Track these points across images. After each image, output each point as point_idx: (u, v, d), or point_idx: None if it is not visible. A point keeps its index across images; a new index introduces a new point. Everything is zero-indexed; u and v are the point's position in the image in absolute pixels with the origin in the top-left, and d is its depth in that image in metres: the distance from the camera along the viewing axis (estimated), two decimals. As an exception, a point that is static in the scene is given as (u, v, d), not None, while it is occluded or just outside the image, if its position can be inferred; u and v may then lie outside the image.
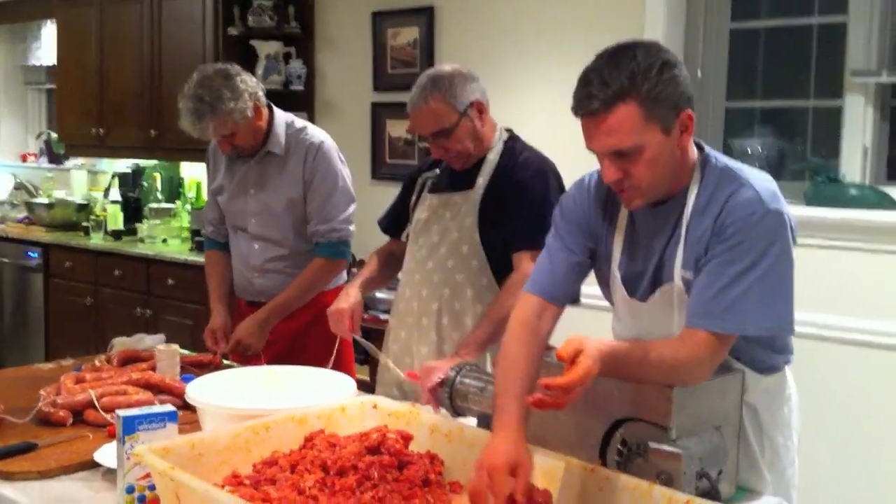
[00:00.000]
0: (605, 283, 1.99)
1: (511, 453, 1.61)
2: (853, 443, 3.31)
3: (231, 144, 2.98)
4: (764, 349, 1.88)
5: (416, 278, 2.64)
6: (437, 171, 2.69)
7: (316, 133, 3.10)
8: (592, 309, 3.06)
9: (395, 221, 2.82)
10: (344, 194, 3.08)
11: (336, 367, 2.58)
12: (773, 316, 1.72)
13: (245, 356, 2.97)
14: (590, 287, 2.07)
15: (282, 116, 3.09)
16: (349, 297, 2.61)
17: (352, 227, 3.09)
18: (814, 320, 3.31)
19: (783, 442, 1.97)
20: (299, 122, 3.13)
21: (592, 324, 2.21)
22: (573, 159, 2.24)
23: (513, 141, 2.63)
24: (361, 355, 4.01)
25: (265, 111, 3.03)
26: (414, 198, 2.72)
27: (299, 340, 3.08)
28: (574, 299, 2.07)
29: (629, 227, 1.90)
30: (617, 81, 1.67)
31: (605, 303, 2.06)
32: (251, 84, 2.95)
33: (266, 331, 3.01)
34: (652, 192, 1.79)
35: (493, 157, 2.57)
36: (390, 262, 2.82)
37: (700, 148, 1.86)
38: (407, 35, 4.64)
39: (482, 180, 2.55)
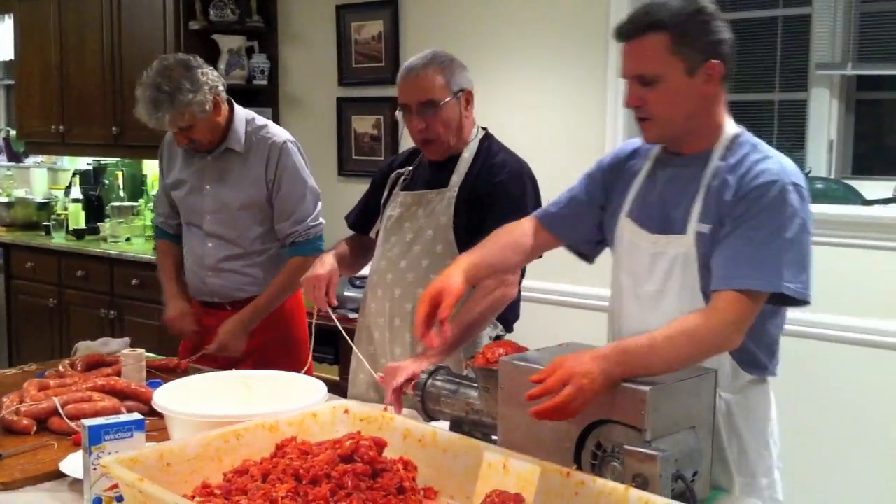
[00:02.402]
0: (612, 241, 2.07)
1: (440, 282, 1.93)
2: (835, 436, 3.33)
3: (188, 138, 2.93)
4: (749, 338, 1.87)
5: (388, 278, 2.60)
6: (410, 168, 2.66)
7: (278, 132, 3.05)
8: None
9: (364, 218, 2.79)
10: (312, 192, 3.07)
11: (291, 367, 2.54)
12: (802, 279, 1.78)
13: (227, 358, 2.94)
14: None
15: (242, 113, 3.04)
16: (325, 265, 2.55)
17: (323, 221, 3.09)
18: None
19: (755, 447, 1.96)
20: (260, 119, 3.08)
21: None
22: (539, 154, 2.24)
23: (488, 140, 2.62)
24: (331, 356, 3.98)
25: (225, 107, 2.98)
26: (385, 194, 2.69)
27: (257, 341, 3.06)
28: (585, 253, 2.19)
29: (649, 178, 2.00)
30: (655, 13, 1.85)
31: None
32: (212, 77, 2.90)
33: (248, 332, 2.98)
34: (666, 127, 1.90)
35: (467, 156, 2.56)
36: (359, 252, 2.79)
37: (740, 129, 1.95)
38: (371, 29, 4.60)
39: (456, 178, 2.54)
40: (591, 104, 3.81)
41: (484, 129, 2.66)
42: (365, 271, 2.80)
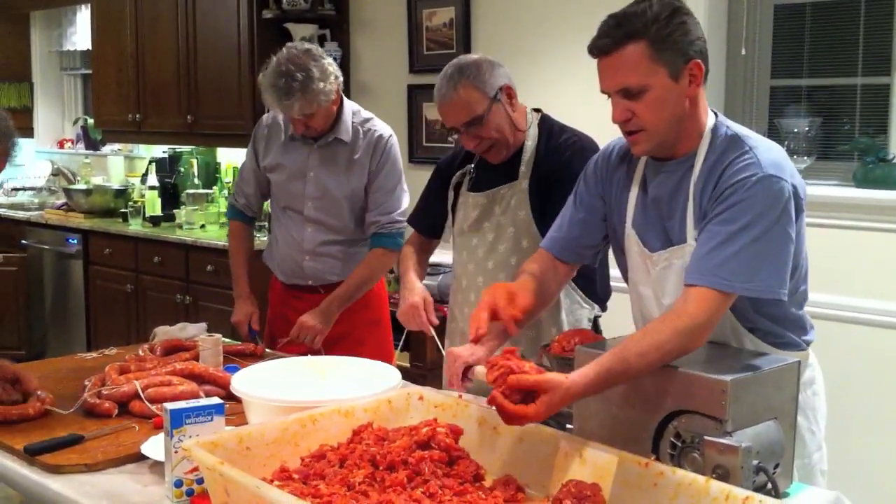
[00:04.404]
0: (619, 249, 2.05)
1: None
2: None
3: (306, 125, 2.97)
4: (774, 321, 1.90)
5: (479, 281, 2.59)
6: (471, 167, 2.64)
7: (383, 126, 3.12)
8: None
9: (429, 219, 2.79)
10: (403, 189, 3.12)
11: (375, 355, 2.55)
12: (761, 277, 1.75)
13: (307, 344, 2.96)
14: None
15: (349, 105, 3.10)
16: (415, 291, 2.56)
17: (406, 220, 3.08)
18: (865, 305, 3.26)
19: (807, 425, 1.96)
20: (365, 112, 3.14)
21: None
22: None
23: (546, 122, 2.58)
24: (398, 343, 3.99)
25: (339, 97, 3.03)
26: (452, 197, 2.68)
27: (345, 326, 3.08)
28: (589, 259, 2.16)
29: (642, 188, 1.97)
30: (629, 23, 1.79)
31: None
32: (335, 68, 2.96)
33: (331, 320, 3.00)
34: (657, 136, 1.85)
35: (530, 143, 2.53)
36: (424, 255, 2.81)
37: (716, 116, 1.92)
38: (443, 16, 4.59)
39: (524, 168, 2.51)
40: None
41: (537, 110, 2.61)
42: (432, 258, 2.81)
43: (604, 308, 2.58)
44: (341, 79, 2.99)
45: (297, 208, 3.13)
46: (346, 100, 3.09)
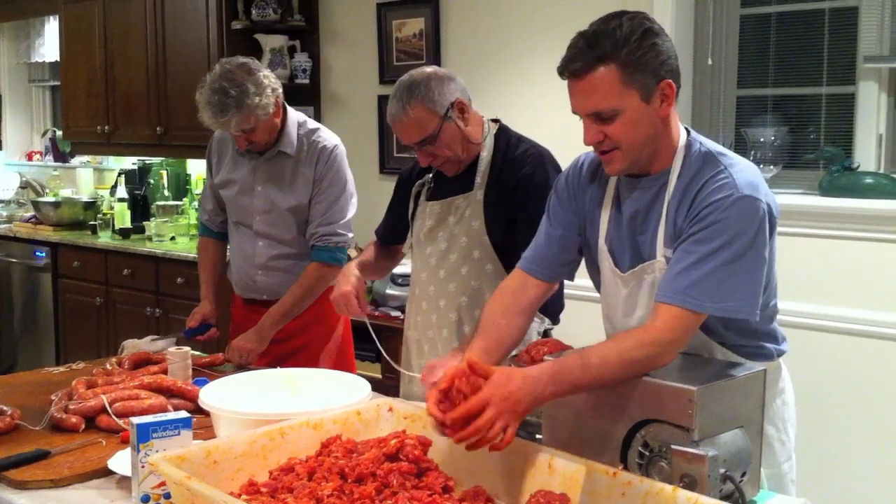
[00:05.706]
0: (593, 264, 2.05)
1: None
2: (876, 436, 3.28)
3: (248, 140, 2.94)
4: (743, 335, 1.91)
5: (430, 290, 2.59)
6: (430, 176, 2.64)
7: (329, 137, 3.06)
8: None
9: (393, 231, 2.78)
10: (348, 201, 3.06)
11: (338, 365, 2.55)
12: (734, 298, 1.76)
13: (273, 356, 2.95)
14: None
15: (294, 116, 3.05)
16: (350, 279, 2.55)
17: (351, 235, 3.05)
18: (831, 313, 3.30)
19: (776, 435, 1.97)
20: (311, 122, 3.10)
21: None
22: (578, 151, 2.22)
23: (503, 133, 2.57)
24: (374, 353, 3.99)
25: (281, 109, 3.00)
26: (411, 207, 2.68)
27: (302, 339, 3.07)
28: (567, 275, 2.14)
29: (615, 204, 1.96)
30: (600, 45, 1.75)
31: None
32: (273, 80, 2.92)
33: (265, 340, 2.96)
34: (631, 156, 1.84)
35: (486, 154, 2.52)
36: (386, 256, 2.80)
37: (688, 133, 1.92)
38: (412, 26, 4.60)
39: (480, 179, 2.51)
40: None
41: (496, 121, 2.60)
42: (405, 269, 2.79)
43: (556, 321, 2.58)
44: (280, 91, 2.94)
45: (247, 223, 3.10)
46: (291, 111, 3.05)
